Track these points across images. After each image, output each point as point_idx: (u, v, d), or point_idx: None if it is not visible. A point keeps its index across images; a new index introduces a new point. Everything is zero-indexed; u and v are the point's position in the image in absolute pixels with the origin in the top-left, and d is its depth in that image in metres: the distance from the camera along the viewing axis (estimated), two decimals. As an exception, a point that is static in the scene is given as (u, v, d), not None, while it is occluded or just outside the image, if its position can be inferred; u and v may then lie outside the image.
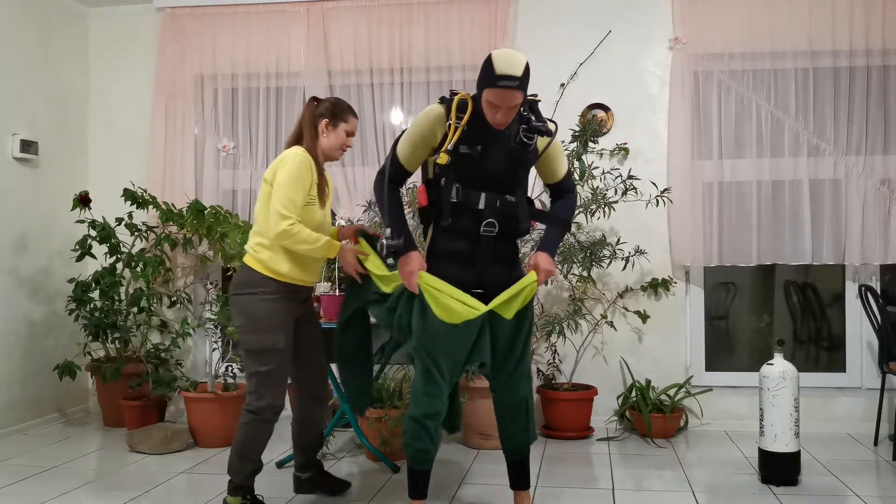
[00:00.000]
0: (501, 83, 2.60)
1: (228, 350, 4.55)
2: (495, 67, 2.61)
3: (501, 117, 2.69)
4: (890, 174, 4.60)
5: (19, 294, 4.76)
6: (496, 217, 2.81)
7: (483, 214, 2.80)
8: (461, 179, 2.78)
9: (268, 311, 3.01)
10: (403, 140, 2.85)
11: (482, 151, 2.76)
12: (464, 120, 2.71)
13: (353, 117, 3.20)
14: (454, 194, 2.78)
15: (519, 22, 4.92)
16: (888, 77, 4.61)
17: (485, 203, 2.79)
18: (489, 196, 2.79)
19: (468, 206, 2.79)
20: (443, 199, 2.78)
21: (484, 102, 2.69)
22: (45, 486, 3.60)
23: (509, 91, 2.61)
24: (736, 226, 4.69)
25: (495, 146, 2.77)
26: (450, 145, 2.70)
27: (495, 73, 2.60)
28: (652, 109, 4.84)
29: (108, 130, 5.33)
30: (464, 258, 2.84)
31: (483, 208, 2.79)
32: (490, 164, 2.78)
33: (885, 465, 3.94)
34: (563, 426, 4.50)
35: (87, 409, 5.28)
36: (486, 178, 2.79)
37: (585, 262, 4.50)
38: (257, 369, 3.04)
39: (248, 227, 4.63)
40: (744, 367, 4.89)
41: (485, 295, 2.86)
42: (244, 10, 5.06)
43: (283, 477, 3.75)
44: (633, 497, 3.45)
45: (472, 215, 2.80)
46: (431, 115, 2.77)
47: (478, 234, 2.81)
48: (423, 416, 2.81)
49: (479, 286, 2.86)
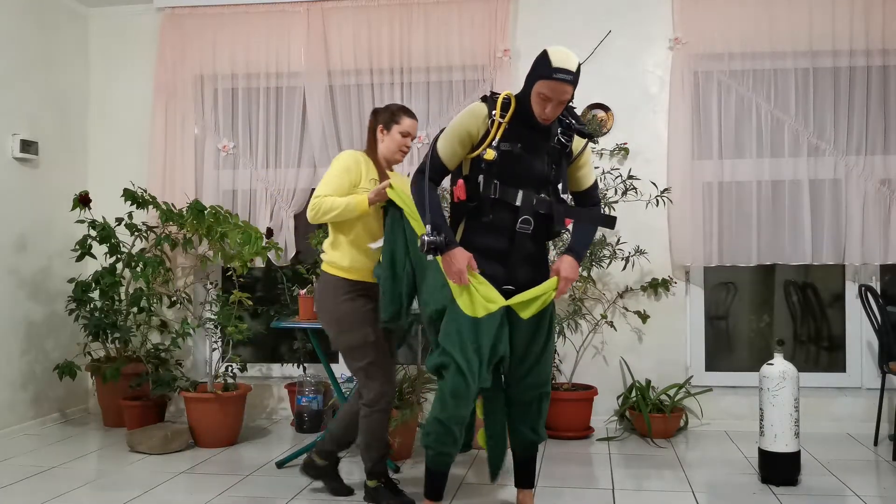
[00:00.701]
0: (558, 75, 2.68)
1: (228, 350, 4.55)
2: (552, 60, 2.69)
3: (551, 111, 2.74)
4: (890, 174, 4.60)
5: (19, 294, 4.76)
6: (532, 215, 2.85)
7: (520, 211, 2.84)
8: (500, 176, 2.82)
9: (351, 310, 3.21)
10: (444, 138, 2.88)
11: (522, 149, 2.81)
12: (507, 117, 2.77)
13: (406, 118, 3.32)
14: (493, 190, 2.82)
15: (519, 22, 4.92)
16: (888, 77, 4.61)
17: (522, 200, 2.83)
18: (526, 193, 2.84)
19: (505, 203, 2.84)
20: (482, 194, 2.82)
21: (535, 95, 2.74)
22: (45, 486, 3.60)
23: (564, 84, 2.69)
24: (736, 226, 4.69)
25: (535, 145, 2.84)
26: (494, 141, 2.77)
27: (552, 66, 2.68)
28: (652, 109, 4.84)
29: (108, 130, 5.33)
30: (497, 254, 2.88)
31: (520, 205, 2.84)
32: (529, 162, 2.83)
33: (885, 465, 3.94)
34: (563, 426, 4.50)
35: (87, 409, 5.28)
36: (524, 176, 2.84)
37: (585, 262, 4.50)
38: (358, 365, 3.23)
39: (247, 227, 4.63)
40: (744, 367, 4.89)
41: (515, 292, 2.90)
42: (244, 10, 5.06)
43: (283, 477, 3.75)
44: (633, 497, 3.45)
45: (509, 212, 2.85)
46: (475, 112, 2.83)
47: (514, 230, 2.85)
48: (449, 420, 2.81)
49: (510, 282, 2.90)
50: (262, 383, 5.11)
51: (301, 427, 4.68)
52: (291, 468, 3.89)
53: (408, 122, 3.31)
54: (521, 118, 2.80)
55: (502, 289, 2.87)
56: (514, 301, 2.85)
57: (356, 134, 4.94)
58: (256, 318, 5.02)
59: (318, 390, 4.70)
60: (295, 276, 4.96)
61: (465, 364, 2.77)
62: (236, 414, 4.44)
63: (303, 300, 3.95)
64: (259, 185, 5.05)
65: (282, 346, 5.25)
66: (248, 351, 5.21)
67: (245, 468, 3.92)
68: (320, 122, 4.96)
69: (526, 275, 2.93)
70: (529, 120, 2.81)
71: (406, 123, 3.31)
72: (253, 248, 4.54)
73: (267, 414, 5.10)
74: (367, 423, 3.25)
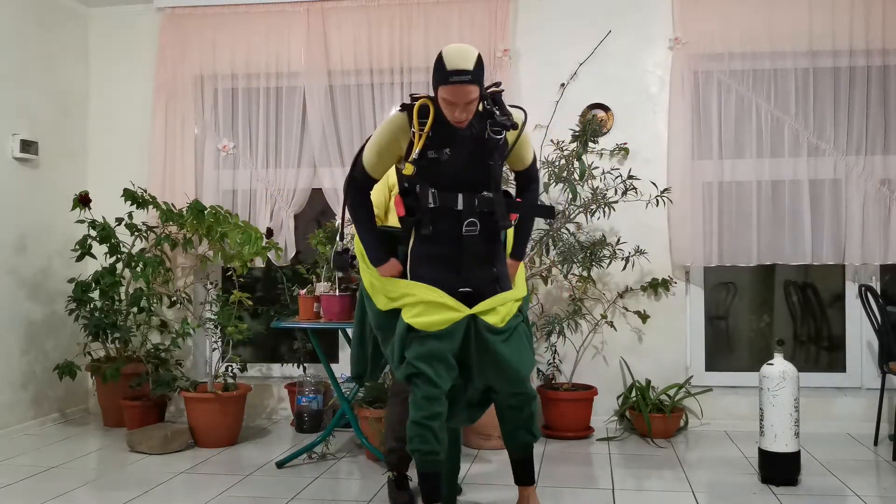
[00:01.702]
0: (454, 79, 2.56)
1: (228, 350, 4.55)
2: (446, 64, 2.58)
3: (460, 114, 2.64)
4: (890, 174, 4.60)
5: (19, 294, 4.76)
6: (476, 216, 2.79)
7: (463, 215, 2.78)
8: (436, 184, 2.76)
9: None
10: (369, 148, 2.82)
11: (452, 153, 2.73)
12: (427, 126, 2.68)
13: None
14: (431, 199, 2.76)
15: (519, 22, 4.92)
16: (888, 77, 4.60)
17: (463, 203, 2.77)
18: (466, 196, 2.77)
19: (447, 209, 2.77)
20: (421, 205, 2.76)
21: (441, 101, 2.65)
22: (45, 486, 3.60)
23: (462, 86, 2.57)
24: (736, 226, 4.69)
25: (464, 145, 2.74)
26: (415, 154, 2.69)
27: (447, 70, 2.57)
28: (652, 109, 4.84)
29: (108, 130, 5.33)
30: (448, 261, 2.82)
31: (462, 209, 2.77)
32: (461, 164, 2.75)
33: (885, 465, 3.94)
34: (563, 426, 4.50)
35: (87, 409, 5.27)
36: (459, 179, 2.76)
37: (585, 262, 4.50)
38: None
39: (247, 227, 4.63)
40: (744, 367, 4.89)
41: (473, 294, 2.83)
42: (244, 10, 5.06)
43: (283, 477, 3.76)
44: (633, 497, 3.45)
45: (453, 217, 2.78)
46: (395, 125, 2.75)
47: (460, 235, 2.79)
48: (427, 419, 2.79)
49: (466, 285, 2.84)
50: (262, 383, 5.11)
51: (301, 427, 4.68)
52: (291, 468, 3.89)
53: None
54: (446, 120, 2.69)
55: (459, 292, 2.81)
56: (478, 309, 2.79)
57: (356, 134, 4.94)
58: (256, 318, 5.02)
59: (318, 390, 4.70)
60: (295, 276, 4.96)
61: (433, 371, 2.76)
62: (236, 414, 4.44)
63: (303, 300, 3.95)
64: (259, 185, 5.04)
65: (282, 346, 5.25)
66: (248, 351, 5.21)
67: (245, 468, 3.92)
68: (320, 122, 4.96)
69: (484, 273, 2.85)
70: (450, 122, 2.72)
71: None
72: (253, 248, 4.55)
73: (267, 414, 5.10)
74: (387, 409, 3.39)
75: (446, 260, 2.82)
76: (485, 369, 2.85)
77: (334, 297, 3.80)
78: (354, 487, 3.61)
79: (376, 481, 3.66)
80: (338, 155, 4.96)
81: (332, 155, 4.95)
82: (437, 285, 2.78)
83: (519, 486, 3.10)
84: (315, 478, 3.74)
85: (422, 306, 2.77)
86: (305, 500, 3.41)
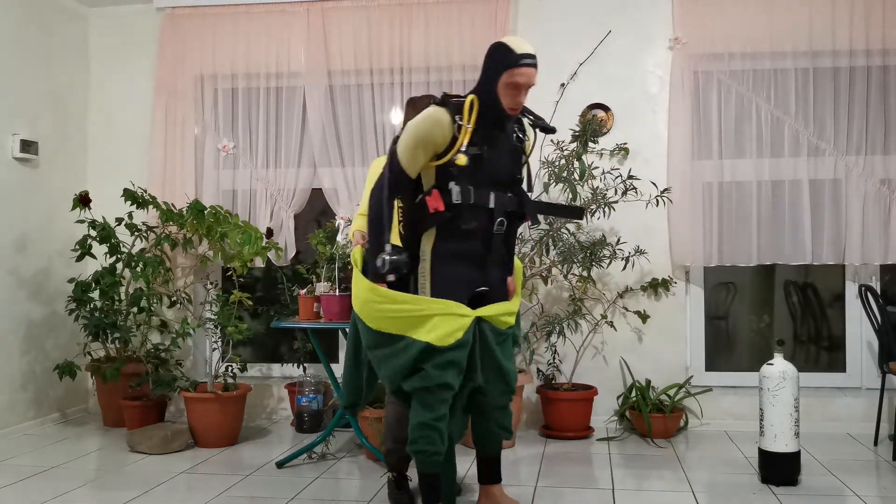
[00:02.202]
0: (525, 61, 2.70)
1: (228, 350, 4.55)
2: (514, 49, 2.71)
3: (518, 99, 2.76)
4: (890, 174, 4.60)
5: (19, 294, 4.76)
6: (504, 215, 2.87)
7: (495, 213, 2.85)
8: (472, 181, 2.80)
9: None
10: (405, 146, 2.81)
11: (488, 151, 2.80)
12: (472, 121, 2.75)
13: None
14: (469, 196, 2.80)
15: (519, 22, 4.92)
16: (888, 77, 4.60)
17: (495, 202, 2.84)
18: (497, 195, 2.85)
19: (481, 207, 2.83)
20: (463, 201, 2.79)
21: (503, 87, 2.74)
22: (45, 486, 3.60)
23: (531, 69, 2.71)
24: (736, 226, 4.69)
25: (498, 145, 2.83)
26: (463, 146, 2.74)
27: (517, 54, 2.71)
28: (652, 109, 4.84)
29: (108, 130, 5.33)
30: (476, 258, 2.87)
31: (494, 207, 2.84)
32: (495, 163, 2.83)
33: (885, 465, 3.94)
34: (563, 426, 4.50)
35: (87, 409, 5.28)
36: (492, 178, 2.84)
37: (585, 262, 4.50)
38: None
39: (247, 227, 4.63)
40: (744, 367, 4.89)
41: (488, 293, 2.91)
42: (244, 10, 5.06)
43: (283, 477, 3.76)
44: (633, 497, 3.45)
45: (485, 215, 2.84)
46: (439, 120, 2.76)
47: (490, 233, 2.86)
48: (434, 420, 2.80)
49: (485, 284, 2.91)
50: (262, 383, 5.11)
51: (301, 427, 4.68)
52: (291, 468, 3.89)
53: None
54: (483, 119, 2.79)
55: (477, 292, 2.87)
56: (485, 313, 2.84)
57: (356, 134, 4.94)
58: (256, 318, 5.02)
59: (318, 390, 4.70)
60: (295, 276, 4.96)
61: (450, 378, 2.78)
62: (236, 414, 4.44)
63: (303, 300, 3.95)
64: (259, 185, 5.04)
65: (282, 346, 5.25)
66: (248, 351, 5.21)
67: (245, 468, 3.92)
68: (320, 122, 4.96)
69: (497, 275, 2.95)
70: (491, 120, 2.80)
71: None
72: (253, 248, 4.55)
73: (267, 414, 5.10)
74: (386, 410, 3.36)
75: (473, 258, 2.87)
76: (486, 370, 2.89)
77: (334, 297, 3.80)
78: (354, 487, 3.61)
79: (376, 481, 3.66)
80: (338, 155, 4.96)
81: (332, 155, 4.95)
82: (457, 283, 2.83)
83: (488, 484, 3.11)
84: (315, 478, 3.74)
85: (436, 319, 2.76)
86: (305, 500, 3.41)
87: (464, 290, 2.86)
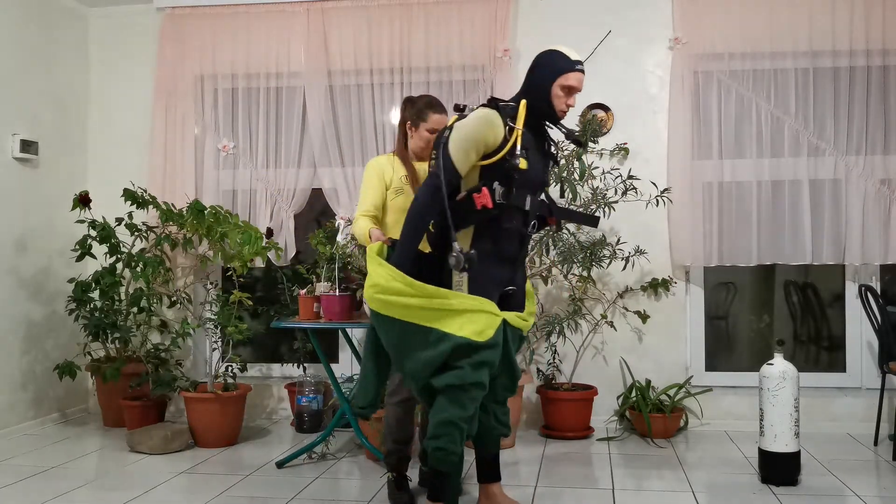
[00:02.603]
0: (579, 67, 2.87)
1: (228, 350, 4.55)
2: (567, 55, 2.87)
3: (568, 103, 2.90)
4: (890, 174, 4.60)
5: (19, 294, 4.76)
6: (535, 218, 2.99)
7: (529, 215, 2.95)
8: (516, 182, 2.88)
9: None
10: (458, 146, 2.82)
11: (529, 155, 2.88)
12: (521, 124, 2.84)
13: (433, 114, 3.31)
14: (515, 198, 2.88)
15: (519, 22, 4.92)
16: (888, 77, 4.60)
17: (530, 204, 2.93)
18: (532, 198, 2.95)
19: (518, 208, 2.91)
20: (510, 201, 2.86)
21: (557, 90, 2.86)
22: (45, 486, 3.60)
23: (583, 74, 2.89)
24: (736, 226, 4.69)
25: (536, 151, 2.95)
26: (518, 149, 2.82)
27: (571, 59, 2.86)
28: (652, 109, 4.84)
29: (108, 130, 5.33)
30: (508, 257, 2.95)
31: (529, 209, 2.93)
32: (535, 167, 2.92)
33: (885, 465, 3.94)
34: (563, 426, 4.50)
35: (87, 409, 5.27)
36: (530, 181, 2.92)
37: (585, 262, 4.50)
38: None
39: (247, 227, 4.63)
40: (744, 367, 4.89)
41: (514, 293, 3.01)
42: (244, 10, 5.06)
43: (283, 477, 3.76)
44: (633, 497, 3.45)
45: (521, 217, 2.93)
46: (491, 121, 2.83)
47: (524, 234, 2.96)
48: (462, 420, 2.81)
49: (513, 284, 3.01)
50: (262, 383, 5.11)
51: (301, 427, 4.68)
52: (291, 468, 3.89)
53: (435, 118, 3.29)
54: (528, 124, 2.88)
55: (506, 291, 2.97)
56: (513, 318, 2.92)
57: (356, 134, 4.94)
58: (256, 318, 5.02)
59: (318, 390, 4.70)
60: (295, 276, 4.96)
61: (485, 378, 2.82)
62: (236, 414, 4.44)
63: (303, 300, 3.95)
64: (259, 185, 5.04)
65: (282, 346, 5.25)
66: (248, 351, 5.21)
67: (245, 468, 3.92)
68: (320, 122, 4.96)
69: (522, 276, 3.08)
70: (533, 125, 2.91)
71: (434, 120, 3.29)
72: (253, 248, 4.55)
73: (267, 414, 5.10)
74: (385, 411, 3.36)
75: (508, 258, 2.95)
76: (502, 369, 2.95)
77: (334, 297, 3.80)
78: (354, 487, 3.61)
79: (376, 481, 3.66)
80: (338, 155, 4.96)
81: (332, 155, 4.95)
82: (491, 282, 2.90)
83: (488, 483, 3.14)
84: (315, 478, 3.74)
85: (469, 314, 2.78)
86: (305, 500, 3.41)
87: (496, 289, 2.92)
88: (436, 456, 2.84)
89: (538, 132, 2.98)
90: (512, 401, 3.13)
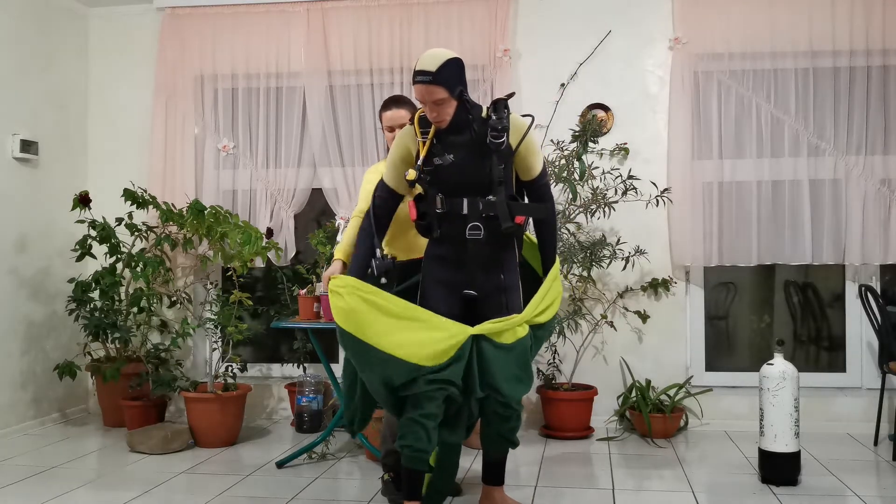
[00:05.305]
0: (416, 79, 2.73)
1: (228, 350, 4.55)
2: (416, 66, 2.75)
3: (430, 113, 2.77)
4: (890, 174, 4.60)
5: (19, 294, 4.76)
6: (480, 220, 2.85)
7: (468, 219, 2.86)
8: (443, 189, 2.86)
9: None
10: (387, 165, 2.97)
11: (456, 158, 2.83)
12: (430, 133, 2.82)
13: (384, 112, 3.33)
14: (439, 204, 2.86)
15: (519, 22, 4.92)
16: (888, 77, 4.60)
17: (468, 208, 2.85)
18: (472, 200, 2.85)
19: (454, 214, 2.86)
20: (430, 210, 2.88)
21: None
22: (45, 486, 3.60)
23: (423, 86, 2.71)
24: (736, 226, 4.69)
25: (467, 151, 2.83)
26: (420, 161, 2.82)
27: (414, 70, 2.75)
28: (652, 109, 4.84)
29: (108, 130, 5.33)
30: (454, 261, 2.92)
31: (467, 213, 2.86)
32: (465, 169, 2.83)
33: (885, 465, 3.94)
34: (563, 426, 4.50)
35: (87, 409, 5.28)
36: (464, 184, 2.85)
37: (585, 262, 4.50)
38: None
39: (247, 227, 4.63)
40: (744, 367, 4.88)
41: (478, 299, 2.93)
42: (244, 10, 5.06)
43: (283, 477, 3.76)
44: (633, 497, 3.45)
45: (459, 221, 2.87)
46: (403, 135, 2.91)
47: (465, 239, 2.86)
48: (422, 416, 2.81)
49: (471, 288, 2.93)
50: (262, 383, 5.11)
51: (301, 427, 4.68)
52: (291, 468, 3.89)
53: (388, 116, 3.30)
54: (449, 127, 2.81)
55: (464, 294, 2.92)
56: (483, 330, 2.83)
57: (356, 134, 4.94)
58: (256, 318, 5.02)
59: (318, 390, 4.70)
60: (295, 276, 4.96)
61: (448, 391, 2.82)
62: (236, 414, 4.44)
63: (303, 300, 3.95)
64: (259, 185, 5.05)
65: (282, 346, 5.25)
66: (248, 351, 5.21)
67: (245, 468, 3.92)
68: (320, 122, 4.96)
69: (488, 280, 2.92)
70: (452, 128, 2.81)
71: (386, 118, 3.30)
72: (253, 248, 4.55)
73: (267, 414, 5.10)
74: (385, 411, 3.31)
75: (453, 263, 2.92)
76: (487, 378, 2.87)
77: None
78: (354, 487, 3.61)
79: (376, 481, 3.66)
80: (338, 155, 4.96)
81: (332, 155, 4.95)
82: (445, 284, 2.90)
83: (488, 485, 3.15)
84: (315, 478, 3.74)
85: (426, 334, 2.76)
86: (305, 500, 3.42)
87: (446, 290, 2.92)
88: (405, 454, 2.86)
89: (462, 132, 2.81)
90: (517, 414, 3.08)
